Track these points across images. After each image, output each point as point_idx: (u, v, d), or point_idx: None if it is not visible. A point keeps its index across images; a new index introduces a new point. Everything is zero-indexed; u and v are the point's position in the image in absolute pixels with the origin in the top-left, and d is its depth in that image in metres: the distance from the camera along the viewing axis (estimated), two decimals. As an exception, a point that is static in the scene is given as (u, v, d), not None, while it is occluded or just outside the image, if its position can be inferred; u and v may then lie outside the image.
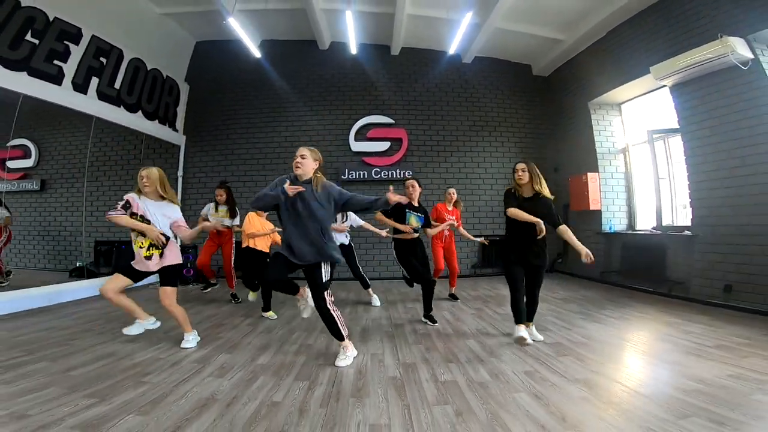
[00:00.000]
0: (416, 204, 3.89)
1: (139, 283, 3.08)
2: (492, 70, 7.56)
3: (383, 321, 3.95)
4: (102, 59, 5.31)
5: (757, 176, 3.97)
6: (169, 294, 2.96)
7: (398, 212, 3.78)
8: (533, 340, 3.10)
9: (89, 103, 5.16)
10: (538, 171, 3.08)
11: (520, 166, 3.09)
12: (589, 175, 6.12)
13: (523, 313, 3.01)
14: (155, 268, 2.93)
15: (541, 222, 2.92)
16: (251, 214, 4.15)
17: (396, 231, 3.87)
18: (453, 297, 4.92)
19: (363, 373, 2.53)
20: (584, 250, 2.87)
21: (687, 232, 4.80)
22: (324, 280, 2.66)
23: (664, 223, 5.51)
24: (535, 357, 2.80)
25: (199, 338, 3.17)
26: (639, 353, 2.96)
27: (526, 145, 7.48)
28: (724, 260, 4.25)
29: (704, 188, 4.48)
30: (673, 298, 4.78)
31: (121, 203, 2.85)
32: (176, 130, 6.98)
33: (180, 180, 7.04)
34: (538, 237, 2.94)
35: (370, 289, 4.76)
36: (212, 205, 4.72)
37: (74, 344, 3.11)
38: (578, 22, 6.11)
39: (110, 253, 6.60)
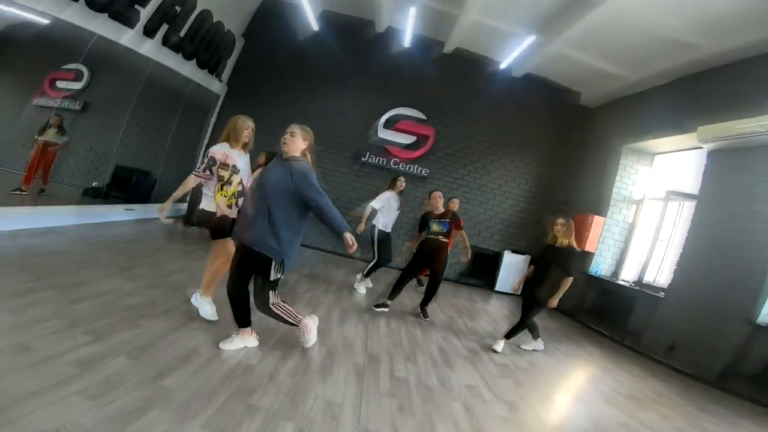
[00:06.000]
0: (439, 212, 4.46)
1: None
2: (539, 90, 7.43)
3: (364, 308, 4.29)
4: (177, 7, 5.49)
5: (738, 259, 4.12)
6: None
7: (423, 222, 4.54)
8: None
9: (153, 48, 5.42)
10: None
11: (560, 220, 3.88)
12: (596, 218, 6.16)
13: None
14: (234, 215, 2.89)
15: None
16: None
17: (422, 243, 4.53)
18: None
19: (333, 354, 2.91)
20: None
21: (660, 294, 5.03)
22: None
23: (644, 280, 5.74)
24: (481, 374, 3.21)
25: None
26: (564, 389, 3.45)
27: (545, 171, 7.57)
28: (680, 323, 4.50)
29: (692, 258, 4.69)
30: (623, 347, 5.04)
31: (203, 166, 2.76)
32: (221, 81, 7.27)
33: (211, 126, 7.35)
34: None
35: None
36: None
37: (81, 274, 3.17)
38: (648, 62, 5.63)
39: (127, 180, 6.56)
